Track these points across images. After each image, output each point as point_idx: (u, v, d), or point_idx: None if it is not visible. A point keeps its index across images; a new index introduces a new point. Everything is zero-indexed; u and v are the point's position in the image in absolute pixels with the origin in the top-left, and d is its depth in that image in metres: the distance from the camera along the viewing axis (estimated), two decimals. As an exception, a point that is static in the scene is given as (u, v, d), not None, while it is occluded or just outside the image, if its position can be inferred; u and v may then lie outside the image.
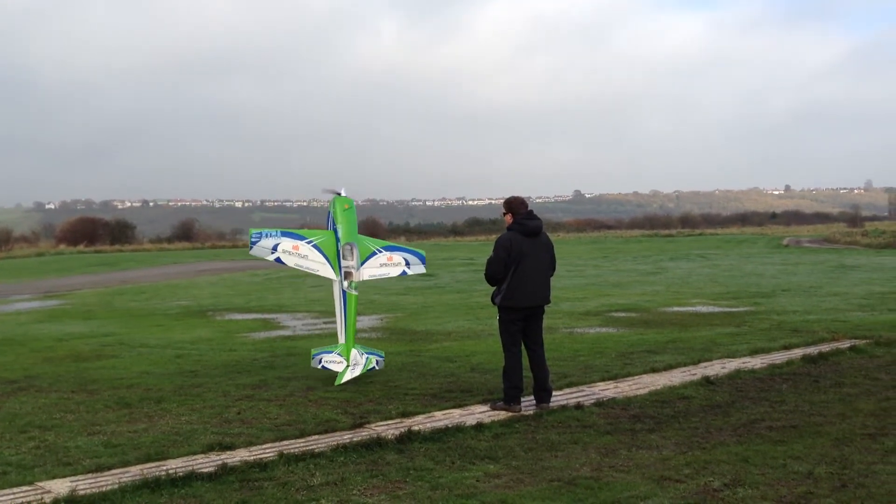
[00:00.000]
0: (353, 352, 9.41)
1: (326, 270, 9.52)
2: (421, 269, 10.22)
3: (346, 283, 9.49)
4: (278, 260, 9.39)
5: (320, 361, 9.49)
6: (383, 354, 10.05)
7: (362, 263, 9.71)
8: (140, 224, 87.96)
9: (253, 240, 9.36)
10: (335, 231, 9.84)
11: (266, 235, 9.41)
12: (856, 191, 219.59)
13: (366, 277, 9.77)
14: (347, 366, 9.28)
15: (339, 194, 10.24)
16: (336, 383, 9.19)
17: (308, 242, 9.56)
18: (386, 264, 9.97)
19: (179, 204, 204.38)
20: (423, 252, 10.35)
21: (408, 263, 10.05)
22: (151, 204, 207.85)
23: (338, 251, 9.61)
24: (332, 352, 9.56)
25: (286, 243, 9.42)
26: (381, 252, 10.03)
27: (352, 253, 9.58)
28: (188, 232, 76.57)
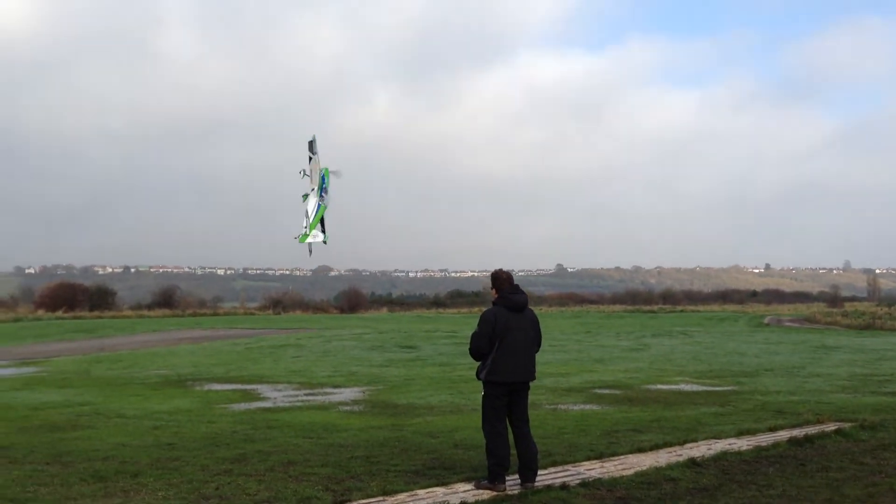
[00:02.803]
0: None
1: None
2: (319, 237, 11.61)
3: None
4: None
5: None
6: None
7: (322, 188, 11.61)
8: (121, 290, 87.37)
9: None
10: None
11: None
12: (835, 271, 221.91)
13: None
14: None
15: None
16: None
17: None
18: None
19: (161, 270, 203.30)
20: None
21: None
22: (133, 270, 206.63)
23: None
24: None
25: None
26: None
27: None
28: (169, 299, 76.07)
